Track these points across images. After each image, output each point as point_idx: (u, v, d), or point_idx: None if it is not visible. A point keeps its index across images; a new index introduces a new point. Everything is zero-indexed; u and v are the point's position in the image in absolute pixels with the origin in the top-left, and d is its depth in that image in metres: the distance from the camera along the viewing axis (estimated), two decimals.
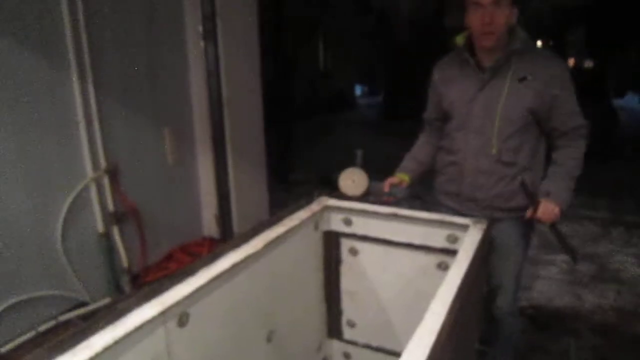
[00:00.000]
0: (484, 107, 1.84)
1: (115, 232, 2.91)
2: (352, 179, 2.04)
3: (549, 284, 3.51)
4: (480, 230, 1.55)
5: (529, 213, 1.79)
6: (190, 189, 3.58)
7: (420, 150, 2.17)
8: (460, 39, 1.88)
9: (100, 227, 2.80)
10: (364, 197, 2.01)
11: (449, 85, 1.95)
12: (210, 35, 3.10)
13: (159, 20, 3.13)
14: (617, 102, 11.13)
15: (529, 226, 1.96)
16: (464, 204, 1.97)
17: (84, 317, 2.69)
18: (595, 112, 7.55)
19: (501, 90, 1.80)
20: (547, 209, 1.75)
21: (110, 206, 2.84)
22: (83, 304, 2.74)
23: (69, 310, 2.67)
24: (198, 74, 3.36)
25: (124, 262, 2.96)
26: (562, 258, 3.93)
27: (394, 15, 11.94)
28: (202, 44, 3.12)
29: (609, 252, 4.09)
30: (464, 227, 1.60)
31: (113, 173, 2.84)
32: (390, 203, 1.95)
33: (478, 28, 1.75)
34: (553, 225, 1.83)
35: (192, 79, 3.44)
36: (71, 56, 2.52)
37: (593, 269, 3.76)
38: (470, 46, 1.86)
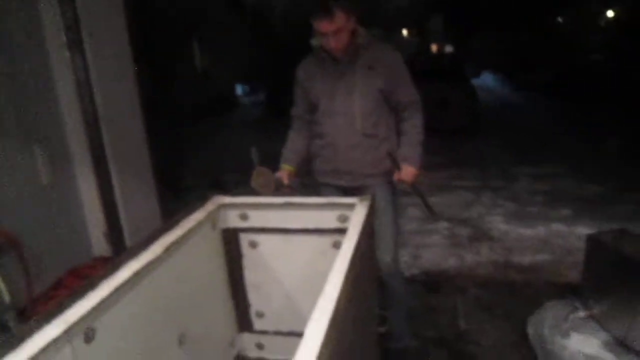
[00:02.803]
0: (345, 93, 2.20)
1: None
2: (262, 179, 2.20)
3: (434, 250, 3.88)
4: (365, 207, 1.71)
5: (396, 176, 2.22)
6: (73, 209, 3.35)
7: (295, 143, 2.43)
8: (315, 41, 2.20)
9: None
10: (276, 192, 2.17)
11: (313, 81, 2.28)
12: (75, 44, 2.93)
13: (15, 33, 2.89)
14: (475, 81, 12.37)
15: (394, 188, 2.39)
16: (342, 177, 2.32)
17: None
18: (458, 92, 8.39)
19: (355, 77, 2.18)
20: (408, 171, 2.21)
21: None
22: None
23: None
24: (66, 86, 3.15)
25: (6, 298, 2.71)
26: (443, 226, 4.35)
27: (268, 12, 12.06)
28: (67, 54, 2.95)
29: (480, 215, 4.61)
30: (351, 206, 1.75)
31: None
32: (288, 194, 2.09)
33: (327, 47, 2.14)
34: (414, 186, 2.29)
35: (60, 92, 3.21)
36: None
37: (469, 231, 4.23)
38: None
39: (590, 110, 9.86)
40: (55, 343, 1.04)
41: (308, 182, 2.53)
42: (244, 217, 1.91)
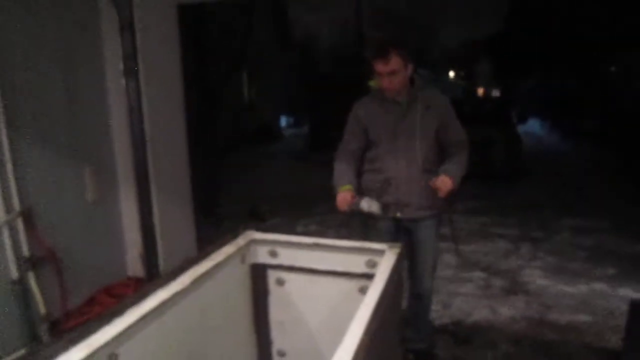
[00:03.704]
0: (407, 131, 2.41)
1: (31, 277, 2.75)
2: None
3: (467, 300, 3.75)
4: (395, 254, 1.69)
5: (431, 182, 2.35)
6: (113, 228, 3.48)
7: (347, 171, 2.51)
8: (374, 83, 2.39)
9: (13, 273, 2.65)
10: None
11: (373, 119, 2.47)
12: (131, 72, 3.09)
13: (77, 58, 3.09)
14: (521, 128, 12.13)
15: (440, 223, 2.63)
16: (400, 209, 2.48)
17: None
18: (501, 137, 8.25)
19: (416, 117, 2.41)
20: (445, 181, 2.32)
21: (25, 251, 2.71)
22: None
23: None
24: (119, 111, 3.32)
25: (42, 309, 2.80)
26: (477, 275, 4.22)
27: (315, 48, 12.40)
28: (123, 81, 3.11)
29: (518, 267, 4.44)
30: (381, 252, 1.73)
31: (28, 215, 2.72)
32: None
33: (382, 87, 2.37)
34: (451, 222, 2.68)
35: (112, 116, 3.39)
36: None
37: (504, 283, 4.07)
38: None
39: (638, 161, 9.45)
40: None
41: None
42: (273, 254, 1.92)
